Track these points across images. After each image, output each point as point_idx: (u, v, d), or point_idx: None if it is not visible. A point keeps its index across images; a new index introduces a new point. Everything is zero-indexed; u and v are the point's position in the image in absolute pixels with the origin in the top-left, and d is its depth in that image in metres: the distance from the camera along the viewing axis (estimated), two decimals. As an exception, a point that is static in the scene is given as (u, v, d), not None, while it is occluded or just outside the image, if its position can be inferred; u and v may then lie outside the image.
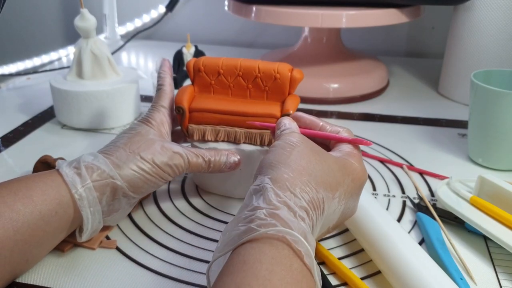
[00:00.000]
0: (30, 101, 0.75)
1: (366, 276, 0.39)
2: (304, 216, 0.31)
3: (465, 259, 0.40)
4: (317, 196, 0.33)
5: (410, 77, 0.87)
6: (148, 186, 0.42)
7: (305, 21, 0.68)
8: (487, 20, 0.68)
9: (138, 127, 0.45)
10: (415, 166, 0.56)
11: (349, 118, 0.69)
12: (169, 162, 0.42)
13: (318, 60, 0.77)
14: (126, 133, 0.44)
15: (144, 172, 0.41)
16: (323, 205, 0.33)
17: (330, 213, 0.35)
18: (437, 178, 0.53)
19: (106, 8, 1.02)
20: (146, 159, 0.41)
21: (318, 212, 0.33)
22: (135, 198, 0.42)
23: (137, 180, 0.41)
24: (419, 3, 0.71)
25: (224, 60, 0.47)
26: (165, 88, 0.48)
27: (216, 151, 0.45)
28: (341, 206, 0.36)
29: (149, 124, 0.45)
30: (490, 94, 0.51)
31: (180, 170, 0.43)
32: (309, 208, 0.32)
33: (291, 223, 0.30)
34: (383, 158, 0.57)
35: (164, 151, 0.42)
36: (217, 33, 1.06)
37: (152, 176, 0.41)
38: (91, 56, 0.63)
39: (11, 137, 0.63)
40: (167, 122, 0.46)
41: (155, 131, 0.45)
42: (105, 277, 0.39)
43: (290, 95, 0.47)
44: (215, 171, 0.45)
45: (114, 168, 0.40)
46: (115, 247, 0.42)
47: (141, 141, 0.43)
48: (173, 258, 0.41)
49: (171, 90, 0.49)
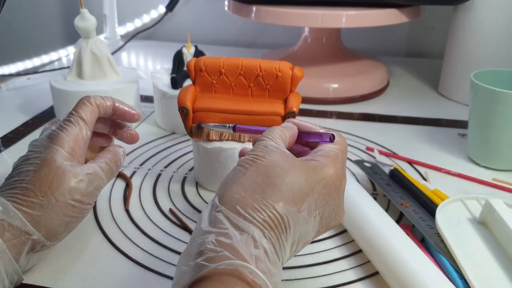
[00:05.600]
0: (30, 101, 0.75)
1: (365, 277, 0.39)
2: (259, 238, 0.29)
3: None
4: (274, 213, 0.30)
5: (410, 77, 0.87)
6: (71, 228, 0.38)
7: (305, 21, 0.68)
8: (487, 20, 0.68)
9: (44, 150, 0.38)
10: (415, 166, 0.56)
11: (349, 118, 0.69)
12: (88, 190, 0.38)
13: (318, 60, 0.78)
14: (29, 160, 0.38)
15: (64, 216, 0.37)
16: (285, 222, 0.30)
17: (301, 227, 0.31)
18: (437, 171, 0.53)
19: (106, 8, 1.02)
20: (63, 200, 0.36)
21: (279, 231, 0.30)
22: (55, 243, 0.38)
23: (57, 227, 0.37)
24: (419, 3, 0.72)
25: (225, 60, 0.47)
26: (91, 101, 0.41)
27: (107, 149, 0.42)
28: (315, 217, 0.32)
29: (58, 143, 0.38)
30: (490, 94, 0.51)
31: (100, 190, 0.40)
32: (265, 228, 0.29)
33: (242, 250, 0.28)
34: (386, 152, 0.57)
35: (80, 181, 0.37)
36: (217, 33, 1.06)
37: (73, 216, 0.37)
38: (91, 56, 0.63)
39: (11, 137, 0.63)
40: (83, 139, 0.39)
41: (65, 150, 0.38)
42: (106, 277, 0.39)
43: (292, 92, 0.47)
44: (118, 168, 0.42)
45: (29, 222, 0.35)
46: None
47: (49, 174, 0.37)
48: (173, 259, 0.41)
49: (98, 105, 0.41)
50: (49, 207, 0.36)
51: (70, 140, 0.38)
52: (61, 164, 0.37)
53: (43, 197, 0.36)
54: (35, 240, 0.36)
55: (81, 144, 0.39)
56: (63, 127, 0.39)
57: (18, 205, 0.35)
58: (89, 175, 0.38)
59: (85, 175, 0.38)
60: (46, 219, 0.36)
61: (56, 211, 0.36)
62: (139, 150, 0.60)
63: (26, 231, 0.35)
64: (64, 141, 0.38)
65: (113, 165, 0.41)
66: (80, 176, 0.38)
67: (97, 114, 0.41)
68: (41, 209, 0.36)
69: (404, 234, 0.39)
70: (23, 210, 0.35)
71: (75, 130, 0.39)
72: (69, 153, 0.38)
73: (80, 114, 0.40)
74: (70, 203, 0.37)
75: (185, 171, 0.55)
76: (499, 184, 0.52)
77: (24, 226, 0.35)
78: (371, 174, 0.50)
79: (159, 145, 0.61)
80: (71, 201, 0.37)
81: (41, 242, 0.36)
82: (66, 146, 0.38)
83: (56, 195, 0.36)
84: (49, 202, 0.36)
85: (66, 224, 0.37)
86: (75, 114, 0.40)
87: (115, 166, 0.42)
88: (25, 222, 0.35)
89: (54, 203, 0.36)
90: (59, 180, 0.37)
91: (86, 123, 0.40)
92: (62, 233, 0.38)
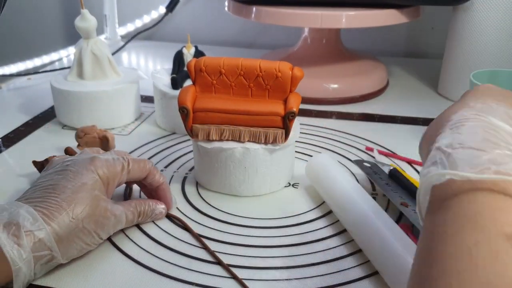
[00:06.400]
0: (31, 101, 0.75)
1: (364, 276, 0.39)
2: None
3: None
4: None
5: (410, 77, 0.87)
6: (82, 254, 0.40)
7: (305, 22, 0.68)
8: (487, 20, 0.68)
9: (86, 173, 0.40)
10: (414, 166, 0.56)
11: (349, 118, 0.69)
12: (110, 231, 0.41)
13: (318, 61, 0.78)
14: (69, 177, 0.39)
15: (83, 244, 0.38)
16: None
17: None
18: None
19: (106, 9, 1.02)
20: (89, 230, 0.38)
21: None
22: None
23: (73, 251, 0.38)
24: (419, 3, 0.72)
25: (225, 60, 0.47)
26: (148, 166, 0.44)
27: (145, 201, 0.45)
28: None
29: (98, 173, 0.40)
30: (489, 94, 0.51)
31: (115, 231, 0.42)
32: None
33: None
34: (386, 152, 0.58)
35: (107, 218, 0.39)
36: (217, 34, 1.06)
37: (88, 245, 0.39)
38: (92, 56, 0.64)
39: (12, 137, 0.63)
40: (118, 179, 0.42)
41: (102, 183, 0.40)
42: (107, 277, 0.39)
43: (292, 93, 0.47)
44: (143, 221, 0.45)
45: (54, 240, 0.36)
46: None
47: (85, 199, 0.38)
48: (174, 258, 0.41)
49: (150, 171, 0.44)
50: (74, 233, 0.37)
51: (110, 174, 0.41)
52: (98, 195, 0.39)
53: (74, 219, 0.37)
54: (54, 256, 0.37)
55: (115, 184, 0.42)
56: (110, 162, 0.41)
57: (48, 219, 0.36)
58: (115, 216, 0.40)
59: (113, 214, 0.40)
60: (68, 240, 0.37)
61: (79, 235, 0.38)
62: (139, 150, 0.60)
63: (49, 247, 0.36)
64: (104, 172, 0.40)
65: (138, 218, 0.44)
66: (109, 213, 0.40)
67: (142, 175, 0.44)
68: (68, 230, 0.37)
69: (404, 234, 0.39)
70: (52, 226, 0.36)
71: (118, 169, 0.42)
72: (104, 184, 0.40)
73: (130, 164, 0.43)
74: (91, 233, 0.39)
75: (185, 171, 0.55)
76: (498, 184, 0.52)
77: (49, 242, 0.36)
78: (371, 174, 0.50)
79: (159, 145, 0.61)
80: (93, 232, 0.39)
81: (58, 259, 0.37)
82: (104, 177, 0.40)
83: (85, 222, 0.38)
84: (76, 226, 0.37)
85: (80, 250, 0.39)
86: (128, 160, 0.43)
87: (141, 219, 0.44)
88: (52, 239, 0.36)
89: (80, 228, 0.38)
90: (92, 208, 0.38)
91: (129, 171, 0.43)
92: (75, 255, 0.39)
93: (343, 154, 0.59)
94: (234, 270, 0.40)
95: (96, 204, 0.39)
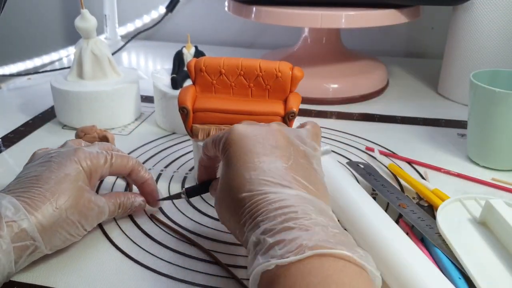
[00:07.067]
0: (31, 101, 0.75)
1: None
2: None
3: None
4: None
5: (410, 77, 0.87)
6: (66, 245, 0.39)
7: (305, 22, 0.68)
8: (487, 20, 0.68)
9: (70, 164, 0.40)
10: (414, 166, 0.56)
11: (349, 118, 0.69)
12: (94, 222, 0.41)
13: (318, 60, 0.78)
14: (52, 168, 0.39)
15: (67, 234, 0.38)
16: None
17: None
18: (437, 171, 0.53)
19: (106, 9, 1.02)
20: (73, 221, 0.38)
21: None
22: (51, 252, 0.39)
23: (58, 241, 0.38)
24: (419, 3, 0.72)
25: (225, 60, 0.47)
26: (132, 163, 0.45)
27: (124, 194, 0.45)
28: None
29: (82, 162, 0.40)
30: (489, 94, 0.52)
31: (99, 222, 0.42)
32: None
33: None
34: (386, 152, 0.58)
35: (90, 209, 0.40)
36: (217, 34, 1.06)
37: (72, 236, 0.39)
38: (92, 56, 0.64)
39: (12, 137, 0.63)
40: (100, 171, 0.42)
41: (85, 174, 0.40)
42: (106, 276, 0.39)
43: (292, 93, 0.47)
44: (123, 214, 0.45)
45: (38, 230, 0.36)
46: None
47: (68, 190, 0.38)
48: (173, 258, 0.41)
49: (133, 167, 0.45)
50: (58, 222, 0.37)
51: (93, 166, 0.41)
52: (82, 186, 0.39)
53: (57, 209, 0.37)
54: (37, 246, 0.36)
55: (98, 176, 0.42)
56: (93, 154, 0.41)
57: (31, 209, 0.36)
58: (98, 207, 0.40)
59: (96, 205, 0.40)
60: (52, 230, 0.37)
61: (63, 226, 0.38)
62: (139, 150, 0.60)
63: (32, 237, 0.36)
64: (87, 163, 0.41)
65: (119, 211, 0.44)
66: (92, 203, 0.40)
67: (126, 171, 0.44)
68: (51, 219, 0.37)
69: (404, 234, 0.39)
70: (35, 216, 0.36)
71: (101, 162, 0.42)
72: (87, 176, 0.40)
73: (113, 158, 0.43)
74: (75, 223, 0.39)
75: (185, 171, 0.55)
76: (499, 184, 0.52)
77: (32, 232, 0.36)
78: (364, 175, 0.50)
79: (159, 145, 0.61)
80: (77, 222, 0.39)
81: (41, 250, 0.37)
82: (87, 169, 0.40)
83: (69, 213, 0.38)
84: (60, 216, 0.37)
85: (64, 240, 0.39)
86: (111, 154, 0.43)
87: (121, 212, 0.44)
88: (34, 228, 0.36)
89: (64, 218, 0.38)
90: (75, 198, 0.39)
91: (112, 165, 0.43)
92: (59, 246, 0.39)
93: (343, 154, 0.59)
94: (234, 270, 0.40)
95: (79, 194, 0.39)
